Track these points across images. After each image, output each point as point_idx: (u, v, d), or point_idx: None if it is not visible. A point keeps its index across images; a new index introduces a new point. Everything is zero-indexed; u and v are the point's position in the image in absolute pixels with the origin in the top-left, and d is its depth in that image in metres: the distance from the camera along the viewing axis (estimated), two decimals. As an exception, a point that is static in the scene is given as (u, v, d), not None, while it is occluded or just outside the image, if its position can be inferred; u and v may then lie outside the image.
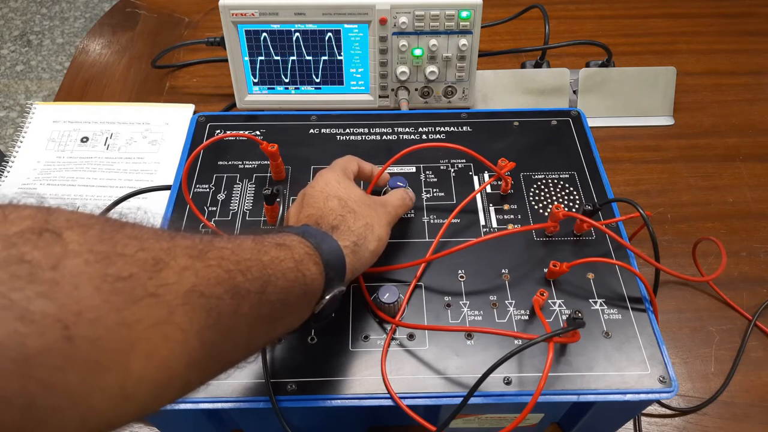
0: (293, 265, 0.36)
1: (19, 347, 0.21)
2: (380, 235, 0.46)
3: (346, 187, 0.48)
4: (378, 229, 0.46)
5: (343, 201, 0.46)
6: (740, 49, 0.95)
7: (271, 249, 0.36)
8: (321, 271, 0.39)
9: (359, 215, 0.46)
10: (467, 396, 0.41)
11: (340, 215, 0.45)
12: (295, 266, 0.36)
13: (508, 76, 0.82)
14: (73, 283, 0.23)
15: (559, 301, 0.51)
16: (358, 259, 0.44)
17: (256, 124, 0.66)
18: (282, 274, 0.35)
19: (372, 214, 0.47)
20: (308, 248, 0.39)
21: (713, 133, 0.83)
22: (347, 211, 0.46)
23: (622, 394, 0.45)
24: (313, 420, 0.51)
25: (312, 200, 0.47)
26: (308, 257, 0.38)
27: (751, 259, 0.68)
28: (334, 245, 0.41)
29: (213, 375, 0.32)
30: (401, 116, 0.67)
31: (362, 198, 0.48)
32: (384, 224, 0.48)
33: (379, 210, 0.49)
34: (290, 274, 0.36)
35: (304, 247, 0.39)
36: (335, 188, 0.48)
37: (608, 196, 0.58)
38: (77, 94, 0.90)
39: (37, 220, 0.24)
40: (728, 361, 0.60)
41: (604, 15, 1.02)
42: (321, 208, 0.46)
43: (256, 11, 0.69)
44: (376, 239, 0.46)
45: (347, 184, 0.49)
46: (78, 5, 2.36)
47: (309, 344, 0.48)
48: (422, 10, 0.70)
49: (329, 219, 0.45)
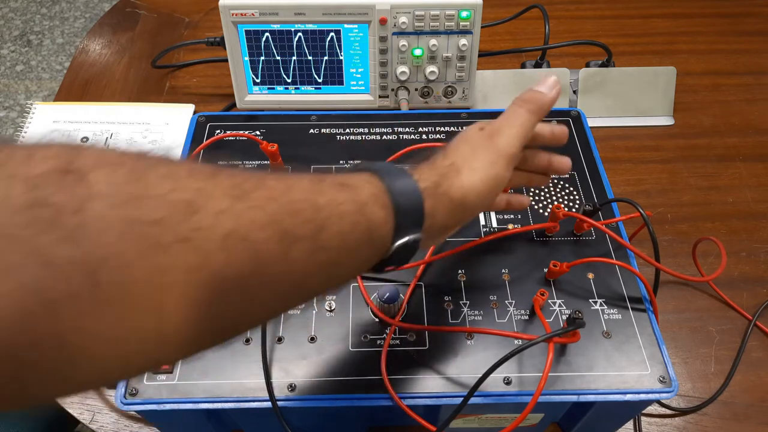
0: (355, 207, 0.32)
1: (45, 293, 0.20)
2: (466, 182, 0.38)
3: (474, 129, 0.41)
4: (467, 173, 0.38)
5: (454, 141, 0.40)
6: (740, 49, 0.95)
7: (330, 189, 0.32)
8: (390, 215, 0.34)
9: (450, 153, 0.39)
10: (467, 396, 0.41)
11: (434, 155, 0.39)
12: (357, 209, 0.32)
13: (508, 76, 0.82)
14: (97, 227, 0.22)
15: (559, 301, 0.51)
16: (437, 206, 0.36)
17: (256, 124, 0.66)
18: (340, 217, 0.31)
19: (467, 152, 0.39)
20: (377, 188, 0.34)
21: (713, 133, 0.83)
22: (444, 150, 0.40)
23: (622, 394, 0.45)
24: (313, 420, 0.51)
25: None
26: (374, 199, 0.33)
27: (751, 259, 0.68)
28: (409, 185, 0.35)
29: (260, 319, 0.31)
30: (401, 116, 0.67)
31: (470, 135, 0.41)
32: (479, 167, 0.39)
33: (478, 149, 0.40)
34: (350, 217, 0.31)
35: (371, 187, 0.34)
36: (465, 132, 0.41)
37: (608, 196, 0.58)
38: (77, 94, 0.90)
39: (63, 159, 0.22)
40: (728, 361, 0.60)
41: (604, 15, 1.02)
42: None
43: (256, 11, 0.69)
44: (459, 186, 0.38)
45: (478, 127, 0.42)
46: (78, 5, 2.36)
47: (309, 344, 0.48)
48: (422, 10, 0.70)
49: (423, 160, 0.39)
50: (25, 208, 0.21)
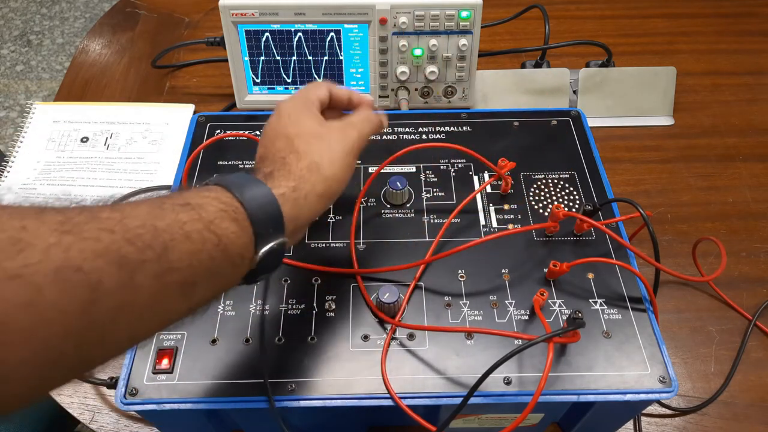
0: (201, 225, 0.33)
1: None
2: (331, 173, 0.41)
3: (297, 120, 0.43)
4: (328, 167, 0.41)
5: (290, 139, 0.41)
6: (740, 49, 0.95)
7: (170, 212, 0.32)
8: (244, 227, 0.35)
9: (303, 154, 0.41)
10: (467, 396, 0.41)
11: (281, 157, 0.40)
12: (204, 227, 0.33)
13: (508, 76, 0.82)
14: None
15: (559, 301, 0.51)
16: (300, 207, 0.39)
17: (256, 124, 0.66)
18: (185, 237, 0.32)
19: (321, 149, 0.41)
20: (224, 204, 0.35)
21: (713, 133, 0.83)
22: (290, 151, 0.41)
23: (622, 394, 0.45)
24: (312, 420, 0.51)
25: (263, 139, 0.43)
26: (223, 214, 0.34)
27: (751, 259, 0.68)
28: (262, 194, 0.36)
29: (124, 346, 0.31)
30: (401, 116, 0.67)
31: (313, 130, 0.43)
32: (336, 159, 0.42)
33: (332, 141, 0.43)
34: (196, 235, 0.32)
35: (218, 203, 0.34)
36: (284, 124, 0.43)
37: (608, 196, 0.58)
38: (77, 94, 0.90)
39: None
40: (728, 361, 0.60)
41: (604, 15, 1.02)
42: (268, 148, 0.42)
43: (256, 11, 0.69)
44: (323, 180, 0.40)
45: (300, 117, 0.43)
46: (78, 5, 2.36)
47: (309, 344, 0.48)
48: (422, 10, 0.70)
49: (268, 162, 0.40)
50: None
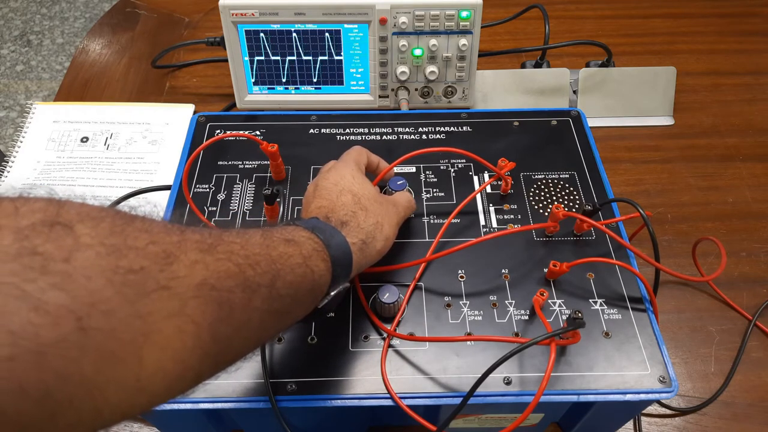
0: (302, 260, 0.37)
1: (34, 338, 0.21)
2: (388, 234, 0.47)
3: (360, 182, 0.48)
4: (387, 228, 0.47)
5: (357, 197, 0.46)
6: (740, 49, 0.95)
7: (280, 244, 0.36)
8: (328, 268, 0.39)
9: (370, 213, 0.46)
10: (467, 396, 0.41)
11: (351, 211, 0.45)
12: (303, 262, 0.37)
13: (508, 76, 0.82)
14: (85, 275, 0.23)
15: (559, 301, 0.51)
16: (365, 257, 0.44)
17: (256, 124, 0.66)
18: (291, 269, 0.35)
19: (383, 212, 0.47)
20: (317, 244, 0.39)
21: (713, 133, 0.83)
22: (359, 207, 0.46)
23: (622, 394, 0.45)
24: (313, 420, 0.51)
25: (325, 192, 0.47)
26: (316, 254, 0.38)
27: (751, 259, 0.68)
28: (342, 242, 0.41)
29: (224, 367, 0.32)
30: (401, 116, 0.67)
31: (374, 195, 0.48)
32: (393, 224, 0.48)
33: (389, 209, 0.49)
34: (299, 269, 0.36)
35: (312, 243, 0.39)
36: (349, 182, 0.47)
37: (608, 196, 0.58)
38: (77, 94, 0.90)
39: (49, 212, 0.24)
40: (728, 361, 0.60)
41: (604, 15, 1.02)
42: (333, 202, 0.46)
43: (256, 11, 0.69)
44: (384, 238, 0.46)
45: (361, 180, 0.49)
46: (78, 5, 2.36)
47: (309, 344, 0.48)
48: (422, 10, 0.70)
49: (340, 214, 0.45)
50: (15, 256, 0.22)
